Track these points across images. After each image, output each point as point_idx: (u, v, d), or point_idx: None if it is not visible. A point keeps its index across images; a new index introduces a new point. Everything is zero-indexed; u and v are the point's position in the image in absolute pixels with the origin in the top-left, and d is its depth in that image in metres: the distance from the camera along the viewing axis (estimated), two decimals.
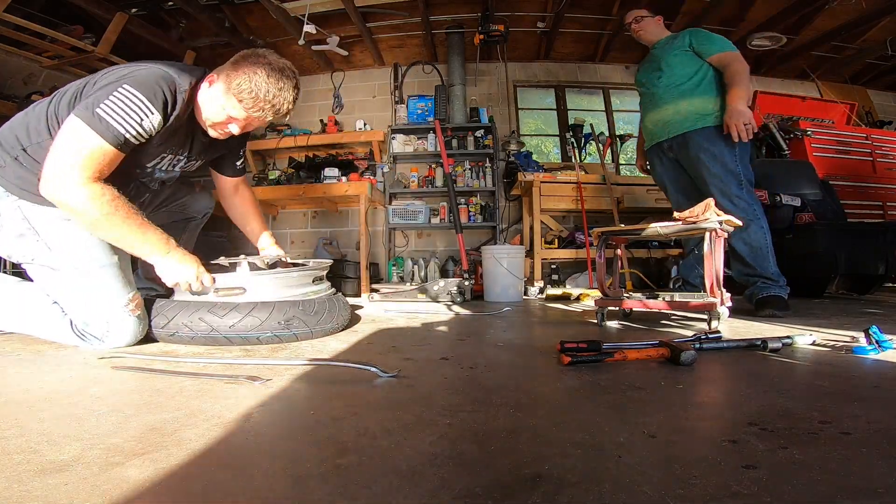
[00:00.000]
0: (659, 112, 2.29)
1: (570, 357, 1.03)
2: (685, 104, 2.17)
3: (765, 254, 2.02)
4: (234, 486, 0.49)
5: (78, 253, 1.31)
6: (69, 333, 1.32)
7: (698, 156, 2.12)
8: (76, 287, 1.32)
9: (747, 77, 2.05)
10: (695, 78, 2.16)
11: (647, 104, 2.38)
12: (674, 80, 2.21)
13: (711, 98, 2.13)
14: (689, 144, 2.16)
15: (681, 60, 2.20)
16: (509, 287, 2.98)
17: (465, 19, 3.96)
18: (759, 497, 0.44)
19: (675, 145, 2.24)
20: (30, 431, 0.64)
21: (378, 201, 4.06)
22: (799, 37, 3.93)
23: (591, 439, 0.60)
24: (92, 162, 1.16)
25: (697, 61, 2.17)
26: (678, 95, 2.19)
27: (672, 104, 2.22)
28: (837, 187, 3.28)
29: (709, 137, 2.10)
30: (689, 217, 1.53)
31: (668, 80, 2.22)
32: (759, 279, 2.02)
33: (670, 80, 2.22)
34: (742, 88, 2.01)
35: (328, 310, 1.51)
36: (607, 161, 4.14)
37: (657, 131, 2.32)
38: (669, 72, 2.22)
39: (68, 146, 1.15)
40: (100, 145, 1.16)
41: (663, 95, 2.25)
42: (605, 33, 4.15)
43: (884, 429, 0.62)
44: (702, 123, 2.12)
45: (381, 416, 0.71)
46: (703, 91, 2.15)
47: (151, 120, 1.21)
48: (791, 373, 0.98)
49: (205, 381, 0.92)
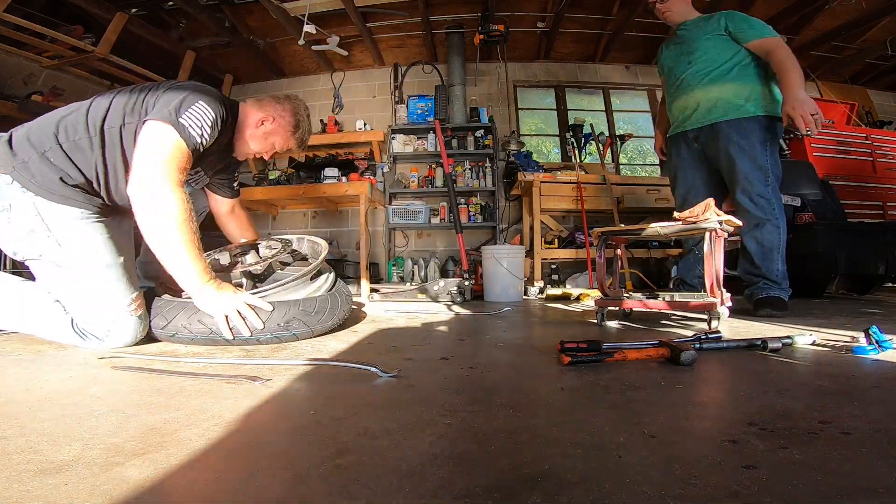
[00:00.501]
0: (686, 98, 2.14)
1: (570, 357, 1.03)
2: (716, 91, 2.03)
3: (774, 255, 1.96)
4: (235, 486, 0.49)
5: (86, 251, 1.32)
6: (69, 332, 1.33)
7: (727, 149, 1.99)
8: (81, 285, 1.32)
9: (797, 63, 1.88)
10: (728, 63, 2.01)
11: (674, 89, 2.22)
12: (706, 65, 2.05)
13: (747, 85, 1.98)
14: (718, 136, 2.02)
15: (714, 44, 2.04)
16: (509, 287, 2.98)
17: (465, 19, 3.96)
18: (759, 497, 0.44)
19: (702, 136, 2.11)
20: (30, 431, 0.64)
21: (378, 201, 4.06)
22: (799, 37, 3.94)
23: (591, 439, 0.60)
24: (178, 162, 1.26)
25: (734, 46, 2.01)
26: (709, 81, 2.05)
27: (702, 90, 2.07)
28: (837, 187, 3.28)
29: (740, 130, 1.96)
30: (689, 217, 1.53)
31: (700, 65, 2.07)
32: (762, 279, 1.98)
33: (702, 65, 2.06)
34: (797, 75, 1.84)
35: (329, 307, 1.50)
36: (607, 161, 4.15)
37: (683, 119, 2.18)
38: (702, 56, 2.06)
39: (157, 145, 1.25)
40: (182, 148, 1.27)
41: (692, 81, 2.10)
42: (605, 33, 4.16)
43: (884, 429, 0.62)
44: (734, 114, 1.98)
45: (382, 415, 0.71)
46: (735, 77, 2.00)
47: (211, 135, 1.35)
48: (791, 373, 0.98)
49: (205, 381, 0.92)
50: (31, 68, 3.34)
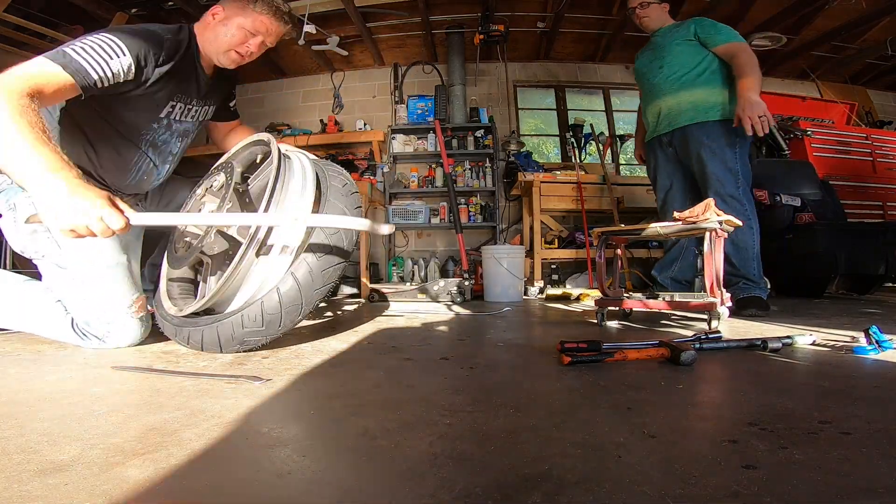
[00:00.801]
0: (658, 104, 2.21)
1: (570, 357, 1.03)
2: (686, 96, 2.09)
3: (750, 255, 1.99)
4: (235, 486, 0.49)
5: (87, 252, 1.31)
6: (70, 332, 1.33)
7: (698, 152, 2.05)
8: (81, 286, 1.32)
9: (758, 67, 1.94)
10: (697, 68, 2.07)
11: (647, 95, 2.30)
12: (675, 70, 2.12)
13: (715, 90, 2.04)
14: (689, 140, 2.08)
15: (684, 50, 2.11)
16: (509, 287, 2.98)
17: (465, 19, 3.96)
18: (759, 497, 0.44)
19: (674, 140, 2.17)
20: (30, 431, 0.64)
21: (378, 201, 4.06)
22: (799, 37, 3.94)
23: (591, 439, 0.60)
24: (36, 80, 1.05)
25: (702, 52, 2.08)
26: (679, 87, 2.11)
27: (672, 95, 2.14)
28: (837, 187, 3.28)
29: (710, 133, 2.03)
30: (689, 217, 1.53)
31: (670, 70, 2.14)
32: (742, 280, 2.00)
33: (672, 70, 2.13)
34: (753, 78, 1.90)
35: (291, 303, 1.21)
36: (607, 161, 4.15)
37: (657, 124, 2.25)
38: (671, 61, 2.13)
39: (19, 67, 1.06)
40: (54, 72, 1.09)
41: (663, 86, 2.17)
42: (605, 33, 4.15)
43: (884, 429, 0.62)
44: (703, 118, 2.05)
45: (381, 416, 0.71)
46: (705, 82, 2.06)
47: (121, 62, 1.18)
48: (791, 373, 0.98)
49: (205, 381, 0.92)
50: None
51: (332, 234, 1.30)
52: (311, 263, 1.25)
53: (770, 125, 1.84)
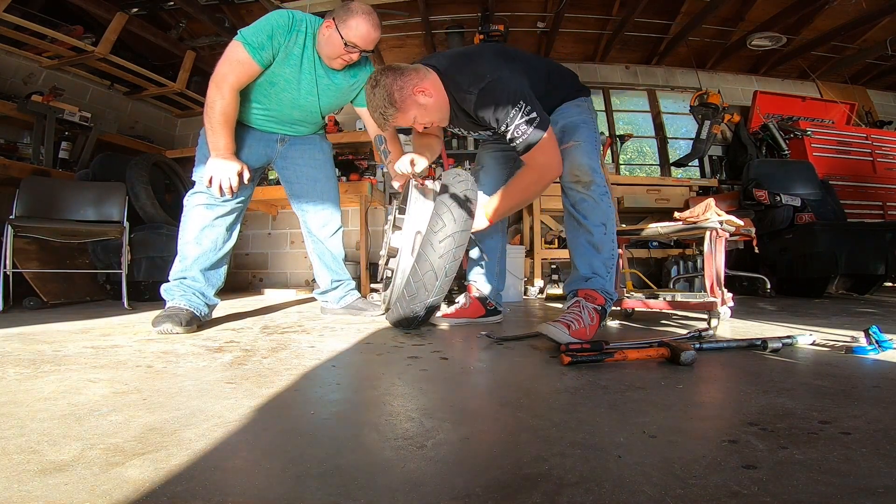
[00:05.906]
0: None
1: (571, 357, 1.03)
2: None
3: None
4: (235, 486, 0.49)
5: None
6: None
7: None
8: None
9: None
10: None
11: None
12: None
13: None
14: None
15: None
16: (509, 287, 2.98)
17: (465, 19, 3.96)
18: (759, 497, 0.44)
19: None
20: (30, 431, 0.64)
21: (378, 201, 4.06)
22: (799, 37, 3.93)
23: (591, 439, 0.60)
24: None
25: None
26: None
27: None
28: (837, 187, 3.28)
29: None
30: (689, 217, 1.53)
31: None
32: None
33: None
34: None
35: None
36: (607, 161, 4.15)
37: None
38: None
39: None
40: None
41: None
42: (605, 33, 4.15)
43: (884, 429, 0.62)
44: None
45: (383, 415, 0.71)
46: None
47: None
48: (791, 373, 0.98)
49: (205, 381, 0.92)
50: (31, 68, 3.34)
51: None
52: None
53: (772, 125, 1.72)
